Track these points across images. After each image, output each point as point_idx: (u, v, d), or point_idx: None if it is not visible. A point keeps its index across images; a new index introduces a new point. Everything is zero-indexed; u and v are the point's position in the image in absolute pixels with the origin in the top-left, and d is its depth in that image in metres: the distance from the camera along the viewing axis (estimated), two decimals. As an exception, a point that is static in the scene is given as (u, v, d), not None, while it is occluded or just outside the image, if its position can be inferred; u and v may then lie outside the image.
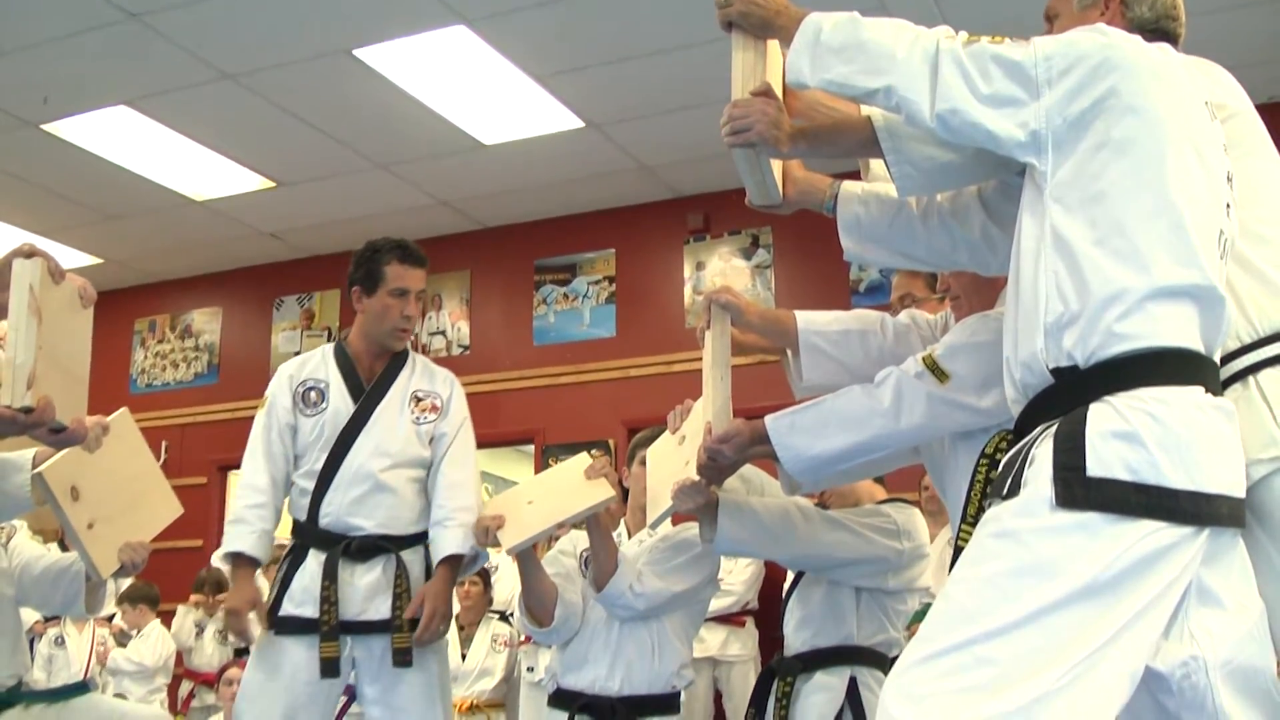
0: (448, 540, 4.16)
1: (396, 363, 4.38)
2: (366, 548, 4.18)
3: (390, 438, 4.25)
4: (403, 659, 4.08)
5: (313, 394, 4.30)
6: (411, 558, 4.22)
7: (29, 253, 3.05)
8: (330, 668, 4.07)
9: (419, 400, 4.33)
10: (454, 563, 4.18)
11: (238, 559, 4.16)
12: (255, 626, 4.17)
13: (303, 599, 4.13)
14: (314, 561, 4.17)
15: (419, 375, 4.40)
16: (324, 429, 4.26)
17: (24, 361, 2.94)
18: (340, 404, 4.28)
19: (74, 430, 3.19)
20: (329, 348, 4.45)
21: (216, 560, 4.29)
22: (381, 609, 4.13)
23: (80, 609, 4.14)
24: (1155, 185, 2.16)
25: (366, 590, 4.15)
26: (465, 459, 4.32)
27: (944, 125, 2.30)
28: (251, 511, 4.19)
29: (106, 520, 3.87)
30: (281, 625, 4.14)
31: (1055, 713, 1.93)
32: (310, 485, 4.24)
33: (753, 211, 2.98)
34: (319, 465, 4.23)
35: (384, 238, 4.36)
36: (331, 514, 4.21)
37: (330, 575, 4.11)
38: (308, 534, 4.23)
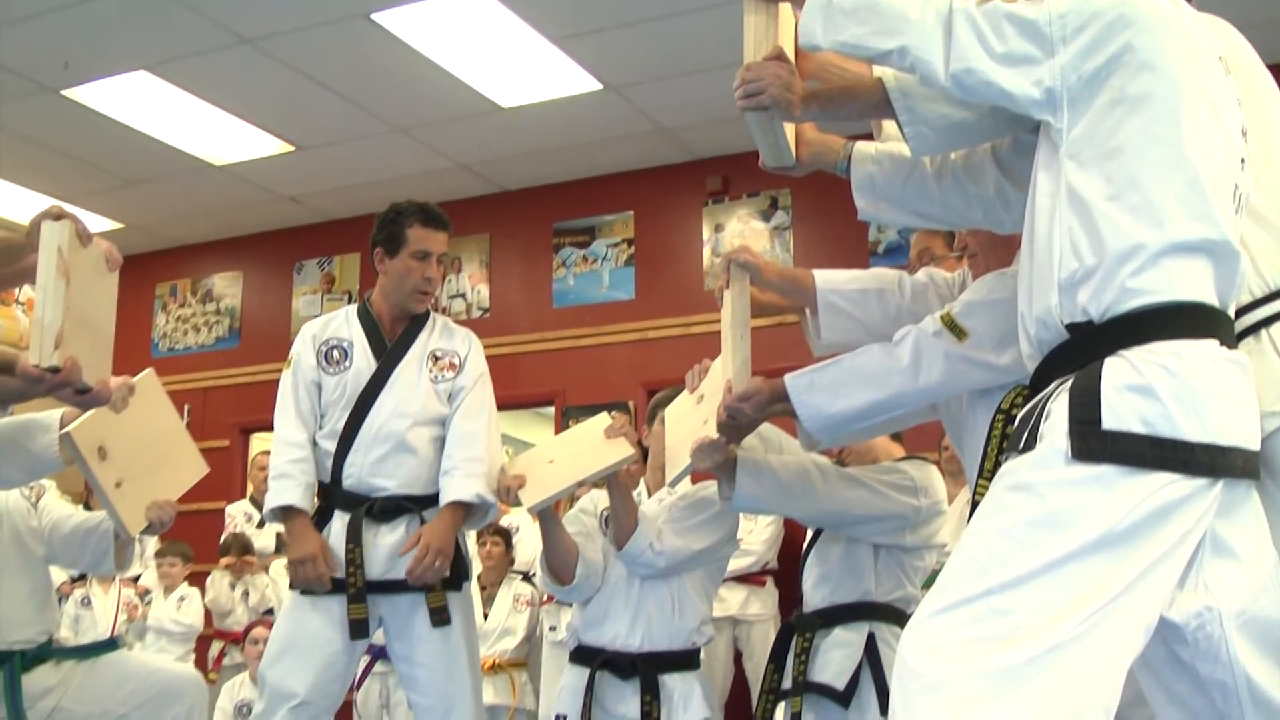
0: (452, 487, 4.20)
1: (417, 323, 4.41)
2: (389, 508, 4.22)
3: (410, 397, 4.28)
4: (440, 618, 4.13)
5: (335, 353, 4.34)
6: (433, 516, 4.25)
7: (57, 215, 3.08)
8: (359, 629, 4.12)
9: (437, 359, 4.35)
10: (458, 508, 4.20)
11: (288, 512, 4.19)
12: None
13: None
14: (339, 523, 4.21)
15: (438, 335, 4.42)
16: (346, 388, 4.29)
17: (52, 322, 2.98)
18: (363, 363, 4.32)
19: (99, 391, 3.24)
20: (352, 308, 4.48)
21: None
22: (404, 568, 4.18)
23: (109, 567, 4.19)
24: (1171, 140, 2.16)
25: (390, 550, 4.19)
26: (478, 412, 4.34)
27: (959, 85, 2.30)
28: (294, 466, 4.22)
29: (134, 479, 3.92)
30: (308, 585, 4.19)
31: (1070, 662, 1.95)
32: (332, 446, 4.27)
33: (771, 173, 2.99)
34: (340, 425, 4.27)
35: (407, 200, 4.38)
36: (354, 475, 4.24)
37: (355, 538, 4.15)
38: (332, 495, 4.27)
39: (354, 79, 7.69)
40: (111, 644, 4.43)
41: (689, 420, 3.58)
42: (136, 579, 8.36)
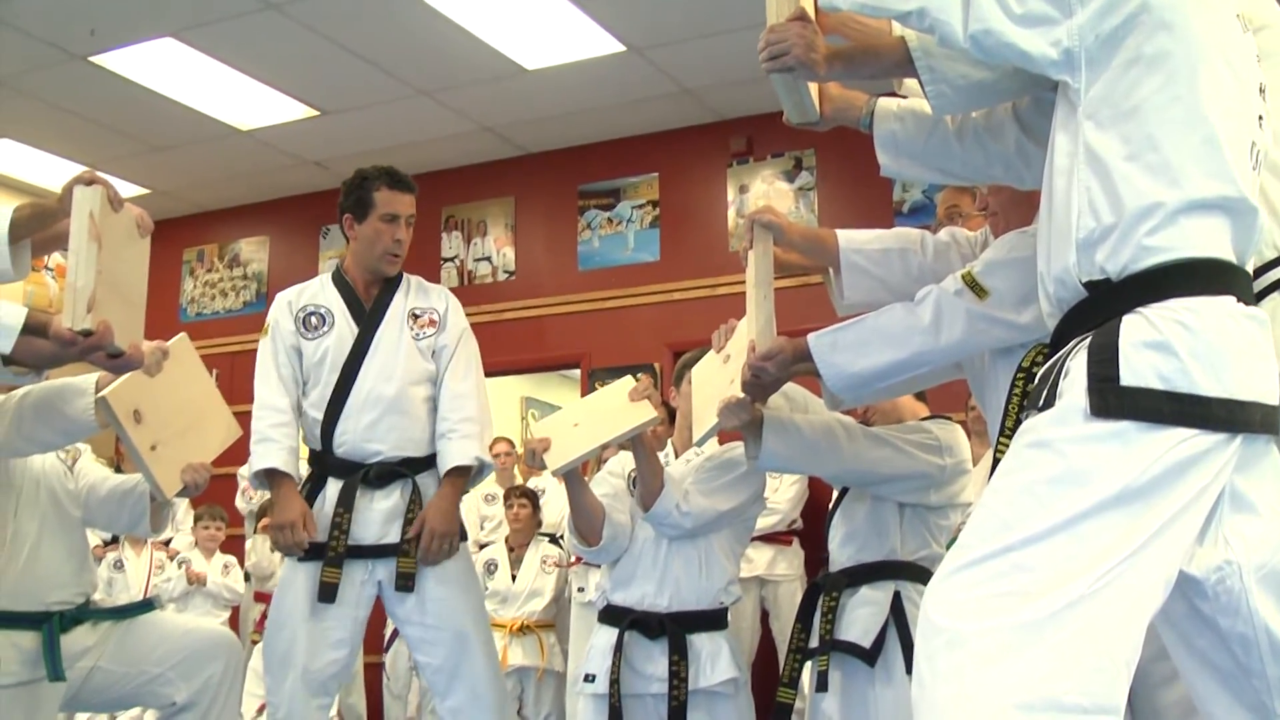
0: (451, 452, 4.27)
1: (392, 285, 4.47)
2: (384, 474, 4.28)
3: (395, 358, 4.34)
4: (404, 584, 4.19)
5: (314, 318, 4.38)
6: (427, 480, 4.33)
7: (89, 180, 3.12)
8: (328, 592, 4.17)
9: (417, 317, 4.42)
10: (460, 474, 4.28)
11: (273, 474, 4.24)
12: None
13: (324, 527, 4.22)
14: (333, 489, 4.27)
15: (415, 294, 4.49)
16: (328, 352, 4.34)
17: (84, 286, 3.01)
18: (344, 329, 4.37)
19: (131, 355, 3.27)
20: (326, 276, 4.54)
21: (245, 471, 4.36)
22: (399, 532, 4.24)
23: (146, 529, 4.23)
24: (1188, 99, 2.17)
25: (385, 515, 4.26)
26: (467, 371, 4.41)
27: (977, 46, 2.31)
28: (277, 430, 4.27)
29: (168, 442, 3.95)
30: (305, 552, 4.23)
31: (1090, 617, 1.97)
32: (320, 414, 4.32)
33: (795, 134, 3.02)
34: (328, 392, 4.31)
35: (373, 165, 4.44)
36: (347, 441, 4.29)
37: (346, 503, 4.20)
38: (325, 463, 4.33)
39: (378, 43, 7.70)
40: (147, 605, 4.48)
41: (715, 380, 3.61)
42: (168, 542, 8.45)
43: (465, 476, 4.31)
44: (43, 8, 7.14)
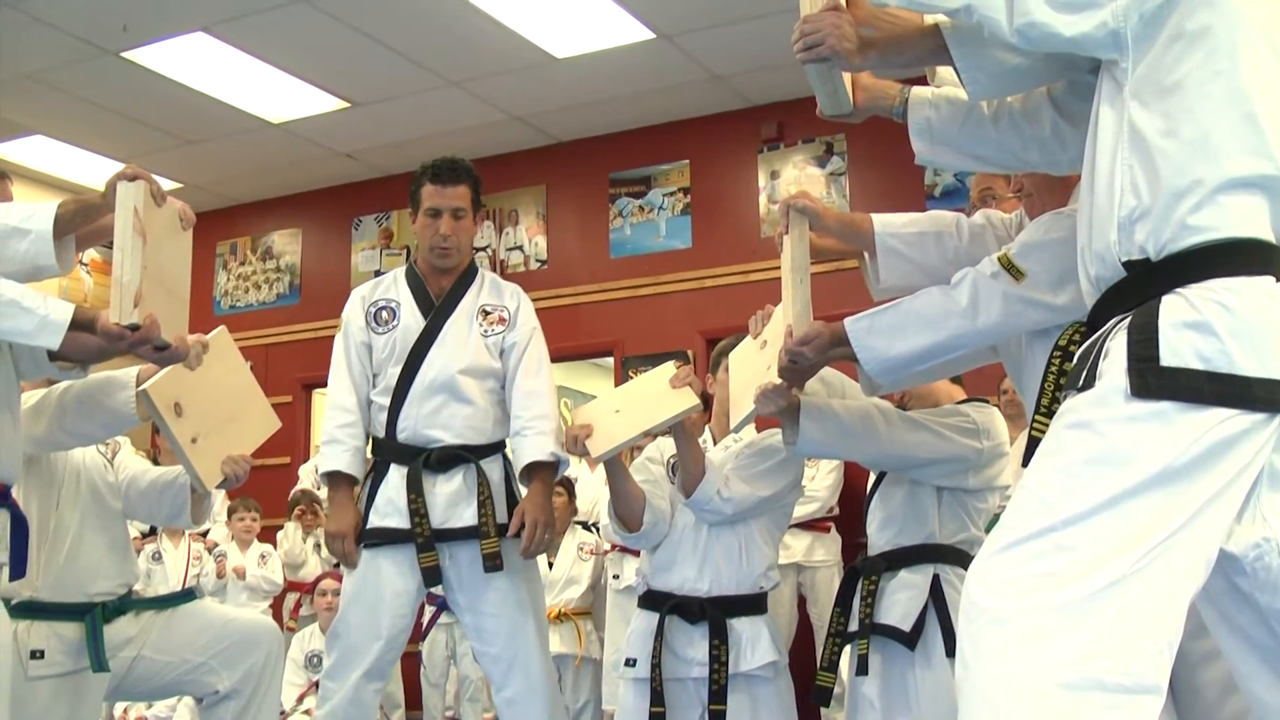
0: (528, 449, 4.26)
1: (465, 280, 4.49)
2: (446, 459, 4.28)
3: (460, 350, 4.35)
4: (493, 564, 4.16)
5: (384, 313, 4.42)
6: (490, 466, 4.33)
7: (133, 175, 3.15)
8: (432, 576, 4.19)
9: (487, 314, 4.43)
10: (540, 470, 4.26)
11: (335, 477, 4.29)
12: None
13: (388, 511, 4.25)
14: (396, 475, 4.28)
15: (487, 290, 4.50)
16: (395, 345, 4.36)
17: (131, 280, 3.04)
18: (411, 320, 4.39)
19: (177, 347, 3.31)
20: (401, 270, 4.57)
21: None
22: (465, 516, 4.23)
23: (186, 520, 4.24)
24: (1228, 75, 2.17)
25: (448, 499, 4.25)
26: (538, 368, 4.41)
27: (1024, 38, 2.32)
28: (343, 430, 4.32)
29: (208, 435, 3.97)
30: (369, 537, 4.26)
31: (1131, 596, 1.98)
32: (386, 401, 4.34)
33: (826, 119, 3.01)
34: (393, 381, 4.34)
35: (434, 159, 4.47)
36: (409, 427, 4.31)
37: (415, 488, 4.21)
38: (388, 449, 4.35)
39: (408, 33, 7.72)
40: (189, 594, 4.52)
41: (752, 366, 3.62)
42: (205, 534, 8.50)
43: (547, 471, 4.30)
44: (75, 4, 7.18)
